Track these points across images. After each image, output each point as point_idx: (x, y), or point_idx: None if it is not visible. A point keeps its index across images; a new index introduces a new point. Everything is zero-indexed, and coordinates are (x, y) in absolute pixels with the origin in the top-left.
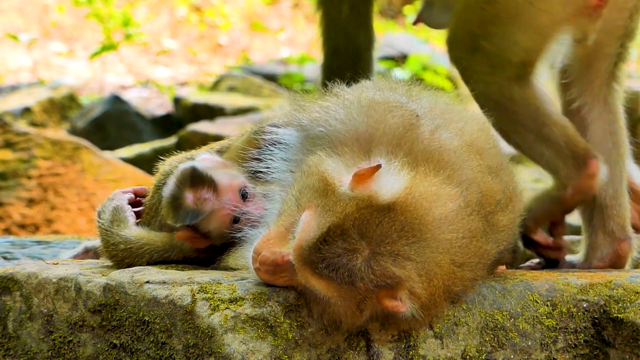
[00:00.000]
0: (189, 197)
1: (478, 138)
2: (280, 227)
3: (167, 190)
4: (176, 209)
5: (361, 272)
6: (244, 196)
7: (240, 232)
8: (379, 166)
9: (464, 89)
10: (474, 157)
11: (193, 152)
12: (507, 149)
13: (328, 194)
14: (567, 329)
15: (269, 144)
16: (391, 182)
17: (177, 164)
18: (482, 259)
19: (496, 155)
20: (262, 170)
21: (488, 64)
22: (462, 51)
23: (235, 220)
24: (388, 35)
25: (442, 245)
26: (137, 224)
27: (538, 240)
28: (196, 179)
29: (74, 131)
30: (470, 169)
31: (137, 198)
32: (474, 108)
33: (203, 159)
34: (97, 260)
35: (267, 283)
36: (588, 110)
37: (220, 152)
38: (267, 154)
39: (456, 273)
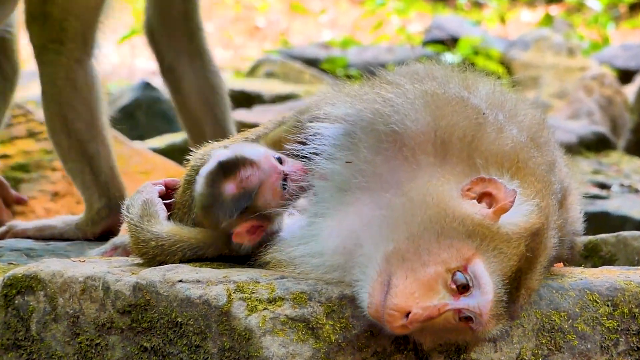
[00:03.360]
0: (230, 186)
1: (537, 132)
2: (420, 276)
3: (204, 198)
4: (222, 206)
5: (512, 314)
6: (279, 161)
7: (293, 201)
8: (515, 194)
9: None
10: (537, 154)
11: (225, 141)
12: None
13: (483, 234)
14: (629, 330)
15: (314, 134)
16: (523, 207)
17: (208, 157)
18: None
19: (552, 149)
20: (308, 156)
21: (55, 38)
22: (33, 24)
23: (284, 186)
24: (437, 17)
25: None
26: (168, 218)
27: None
28: (228, 168)
29: None
30: (537, 167)
31: (169, 191)
32: (528, 96)
33: (219, 154)
34: (126, 258)
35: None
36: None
37: (255, 141)
38: (315, 141)
39: None
